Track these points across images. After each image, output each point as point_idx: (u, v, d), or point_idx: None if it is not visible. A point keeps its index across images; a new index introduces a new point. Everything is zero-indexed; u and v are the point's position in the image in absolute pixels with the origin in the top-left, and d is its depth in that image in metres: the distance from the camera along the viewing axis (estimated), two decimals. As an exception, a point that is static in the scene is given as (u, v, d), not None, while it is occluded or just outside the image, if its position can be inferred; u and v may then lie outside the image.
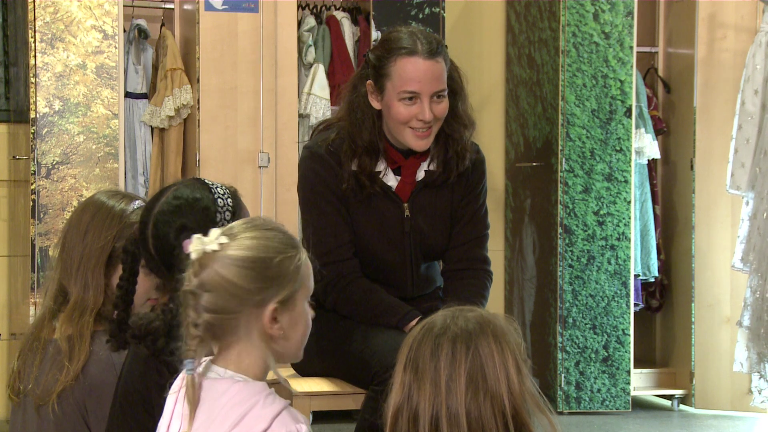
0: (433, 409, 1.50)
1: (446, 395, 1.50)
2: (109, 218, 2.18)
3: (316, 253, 1.77)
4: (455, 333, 1.54)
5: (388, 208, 2.62)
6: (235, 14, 4.49)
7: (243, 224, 1.67)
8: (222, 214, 1.95)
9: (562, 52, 4.71)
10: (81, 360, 2.09)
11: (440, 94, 2.54)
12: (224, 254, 1.61)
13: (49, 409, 2.08)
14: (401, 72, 2.50)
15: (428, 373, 1.52)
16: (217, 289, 1.60)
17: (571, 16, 4.72)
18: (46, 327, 2.17)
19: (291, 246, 1.66)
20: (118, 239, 2.16)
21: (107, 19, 4.28)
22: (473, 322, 1.56)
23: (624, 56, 4.75)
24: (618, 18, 4.75)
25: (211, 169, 4.39)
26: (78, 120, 4.25)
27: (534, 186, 5.03)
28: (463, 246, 2.68)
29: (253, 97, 4.51)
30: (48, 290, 2.21)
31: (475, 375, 1.51)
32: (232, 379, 1.64)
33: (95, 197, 2.25)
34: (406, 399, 1.52)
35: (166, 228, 1.92)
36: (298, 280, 1.65)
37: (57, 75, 4.23)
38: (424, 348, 1.54)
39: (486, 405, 1.50)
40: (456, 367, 1.51)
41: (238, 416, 1.59)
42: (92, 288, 2.15)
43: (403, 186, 2.62)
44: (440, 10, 4.75)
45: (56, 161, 4.22)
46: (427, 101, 2.51)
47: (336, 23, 4.80)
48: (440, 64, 2.53)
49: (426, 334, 1.55)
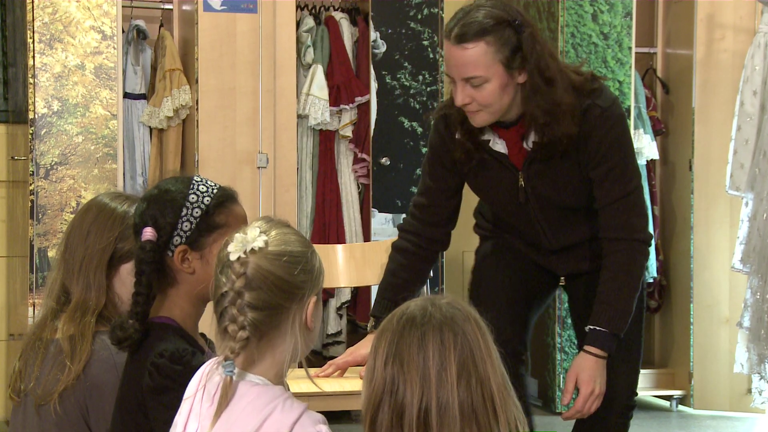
0: (422, 402, 1.47)
1: (437, 386, 1.48)
2: (111, 220, 2.19)
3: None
4: (440, 321, 1.51)
5: (503, 177, 2.56)
6: (233, 15, 4.48)
7: (266, 223, 1.69)
8: (189, 210, 1.94)
9: (561, 52, 4.71)
10: (82, 360, 2.09)
11: (474, 82, 2.39)
12: (267, 251, 1.63)
13: (50, 408, 2.08)
14: (444, 52, 2.52)
15: (416, 366, 1.49)
16: (267, 285, 1.62)
17: (570, 17, 4.72)
18: (48, 327, 2.17)
19: (308, 241, 1.72)
20: (120, 240, 2.17)
21: (106, 20, 4.27)
22: (454, 308, 1.54)
23: (622, 57, 4.75)
24: (617, 19, 4.75)
25: (210, 170, 4.39)
26: (77, 121, 4.25)
27: (533, 187, 5.02)
28: (607, 208, 2.52)
29: (252, 97, 4.51)
30: (50, 291, 2.21)
31: (466, 361, 1.49)
32: (251, 381, 1.64)
33: (98, 199, 2.26)
34: (389, 393, 1.49)
35: (137, 218, 1.96)
36: (323, 273, 1.71)
37: (55, 76, 4.22)
38: (408, 340, 1.51)
39: (478, 391, 1.48)
40: (447, 355, 1.49)
41: (258, 421, 1.59)
42: (94, 288, 2.16)
43: (515, 154, 2.53)
44: (439, 11, 4.75)
45: (55, 162, 4.22)
46: (460, 85, 2.41)
47: (335, 24, 4.80)
48: (469, 50, 2.37)
49: (407, 326, 1.52)
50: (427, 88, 4.76)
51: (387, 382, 1.50)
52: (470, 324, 1.53)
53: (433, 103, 4.75)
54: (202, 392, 1.66)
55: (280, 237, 1.66)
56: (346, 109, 4.76)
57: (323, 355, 4.78)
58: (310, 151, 4.80)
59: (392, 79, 4.74)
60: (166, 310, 1.96)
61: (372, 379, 1.52)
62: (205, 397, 1.65)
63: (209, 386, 1.65)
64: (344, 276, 3.46)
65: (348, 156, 4.83)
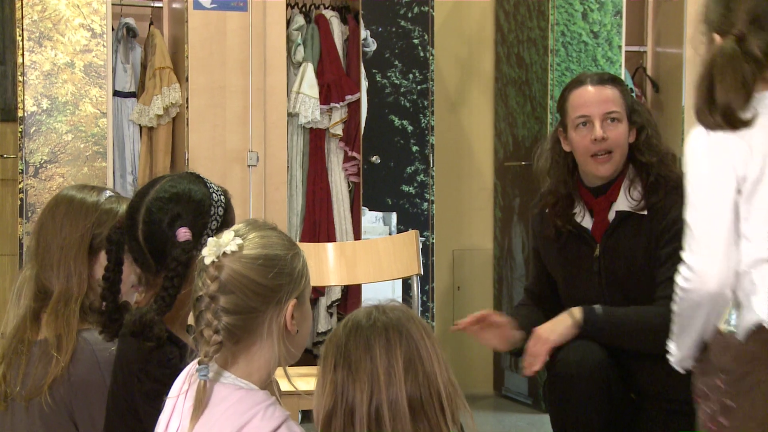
0: (372, 402, 1.50)
1: (386, 384, 1.50)
2: (83, 208, 2.18)
3: None
4: (385, 323, 1.55)
5: (579, 248, 2.68)
6: (224, 13, 4.48)
7: (246, 226, 1.68)
8: (216, 209, 1.95)
9: (551, 51, 4.72)
10: (69, 350, 2.08)
11: (613, 117, 2.63)
12: (241, 254, 1.62)
13: (41, 402, 2.07)
14: (573, 102, 2.67)
15: (363, 367, 1.51)
16: (240, 289, 1.61)
17: (560, 15, 4.73)
18: (29, 328, 2.16)
19: (292, 243, 1.70)
20: (97, 227, 2.16)
21: (95, 18, 4.26)
22: (398, 311, 1.58)
23: (612, 55, 4.76)
24: (607, 17, 4.76)
25: (200, 168, 4.38)
26: (66, 119, 4.24)
27: (523, 185, 5.03)
28: (662, 284, 2.55)
29: (242, 95, 4.51)
30: (25, 291, 2.20)
31: (412, 357, 1.53)
32: (234, 385, 1.63)
33: (64, 193, 2.24)
34: (339, 397, 1.51)
35: (160, 214, 1.91)
36: (306, 276, 1.69)
37: (45, 73, 4.21)
38: (355, 343, 1.53)
39: (425, 386, 1.52)
40: (393, 353, 1.52)
41: (237, 426, 1.58)
42: (75, 276, 2.15)
43: (597, 226, 2.66)
44: (429, 9, 4.75)
45: (44, 160, 4.21)
46: (598, 122, 2.62)
47: (325, 22, 4.80)
48: (609, 90, 2.65)
49: (353, 331, 1.55)
50: (417, 86, 4.76)
51: (337, 386, 1.52)
52: (414, 324, 1.56)
53: (424, 101, 4.75)
54: (186, 392, 1.65)
55: (258, 240, 1.65)
56: (337, 107, 4.76)
57: (313, 353, 4.79)
58: (300, 149, 4.79)
59: (383, 78, 4.74)
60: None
61: (322, 387, 1.54)
62: (188, 396, 1.65)
63: (193, 387, 1.65)
64: (334, 274, 3.46)
65: (338, 154, 4.83)
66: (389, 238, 3.82)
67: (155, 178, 2.01)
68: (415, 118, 4.74)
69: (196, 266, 1.67)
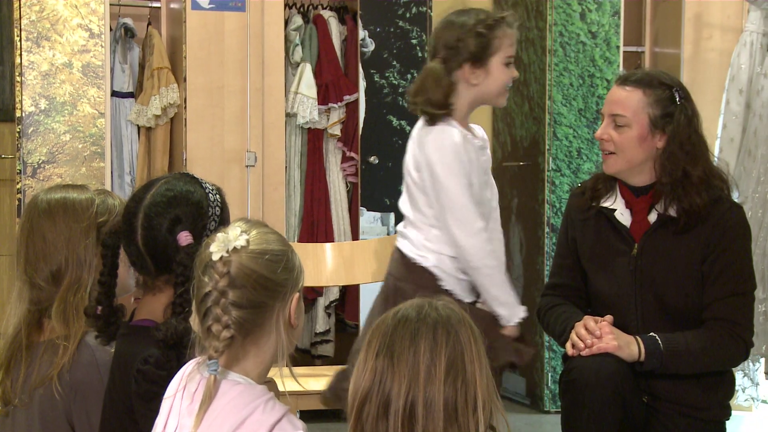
0: (408, 396, 1.49)
1: (425, 382, 1.49)
2: (81, 205, 2.18)
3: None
4: (435, 320, 1.54)
5: (617, 245, 2.61)
6: (222, 13, 4.48)
7: (245, 223, 1.70)
8: (213, 209, 1.96)
9: (549, 51, 4.73)
10: (77, 336, 2.08)
11: (617, 119, 2.57)
12: (249, 250, 1.64)
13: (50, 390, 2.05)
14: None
15: (406, 360, 1.51)
16: (250, 283, 1.62)
17: (558, 16, 4.74)
18: (32, 332, 2.16)
19: (286, 240, 1.74)
20: (101, 215, 2.16)
21: (93, 18, 4.26)
22: (450, 310, 1.56)
23: (611, 56, 4.76)
24: (605, 17, 4.76)
25: (198, 168, 4.38)
26: (64, 119, 4.24)
27: (521, 185, 5.04)
28: (717, 303, 2.52)
29: (240, 96, 4.51)
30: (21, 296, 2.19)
31: (456, 360, 1.51)
32: (233, 380, 1.64)
33: (56, 196, 2.19)
34: (377, 385, 1.51)
35: (159, 219, 1.91)
36: (303, 271, 1.72)
37: (43, 74, 4.21)
38: (401, 334, 1.52)
39: (462, 392, 1.50)
40: (437, 352, 1.51)
41: (239, 420, 1.59)
42: (86, 265, 2.14)
43: (636, 226, 2.61)
44: (427, 10, 4.76)
45: (42, 160, 4.21)
46: (604, 121, 2.60)
47: (323, 22, 4.80)
48: (625, 92, 2.58)
49: (401, 322, 1.54)
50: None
51: (376, 374, 1.51)
52: (464, 327, 1.55)
53: (422, 101, 4.75)
54: (182, 392, 1.66)
55: (261, 236, 1.67)
56: (335, 107, 4.76)
57: (312, 353, 4.79)
58: (298, 149, 4.80)
59: (381, 78, 4.74)
60: (148, 312, 1.96)
61: (362, 371, 1.53)
62: (185, 395, 1.65)
63: (190, 386, 1.66)
64: (332, 274, 3.47)
65: (336, 154, 4.83)
66: (387, 238, 3.83)
67: (149, 182, 2.00)
68: (413, 118, 4.74)
69: (198, 264, 1.67)
